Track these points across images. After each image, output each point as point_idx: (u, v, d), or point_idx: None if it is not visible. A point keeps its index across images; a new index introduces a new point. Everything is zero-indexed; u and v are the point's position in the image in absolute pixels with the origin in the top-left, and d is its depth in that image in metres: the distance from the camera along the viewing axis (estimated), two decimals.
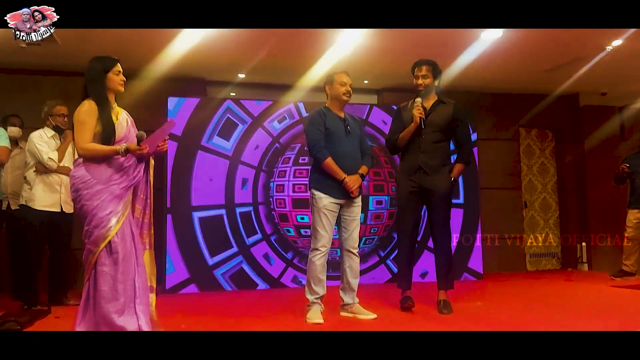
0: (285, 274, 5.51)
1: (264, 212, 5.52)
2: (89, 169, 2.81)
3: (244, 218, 5.43)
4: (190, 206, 5.30)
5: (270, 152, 5.61)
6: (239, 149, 5.50)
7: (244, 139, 5.52)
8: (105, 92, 2.90)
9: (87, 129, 2.80)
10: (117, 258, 2.76)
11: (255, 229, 5.45)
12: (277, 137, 5.65)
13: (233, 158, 5.48)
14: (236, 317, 3.83)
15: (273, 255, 5.49)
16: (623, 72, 6.13)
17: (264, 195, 5.53)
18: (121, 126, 2.92)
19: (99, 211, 2.76)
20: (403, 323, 3.51)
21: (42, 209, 4.30)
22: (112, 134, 2.84)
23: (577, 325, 3.32)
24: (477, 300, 4.40)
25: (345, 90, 3.76)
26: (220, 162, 5.45)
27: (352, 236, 3.75)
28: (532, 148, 7.32)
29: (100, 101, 2.86)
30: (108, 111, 2.87)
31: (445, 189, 3.86)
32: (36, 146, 4.30)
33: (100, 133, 2.82)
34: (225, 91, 6.29)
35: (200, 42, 4.84)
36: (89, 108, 2.83)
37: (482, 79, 6.37)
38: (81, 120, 2.82)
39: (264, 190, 5.53)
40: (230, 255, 5.36)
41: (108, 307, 2.72)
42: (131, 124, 3.01)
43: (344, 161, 3.68)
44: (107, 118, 2.85)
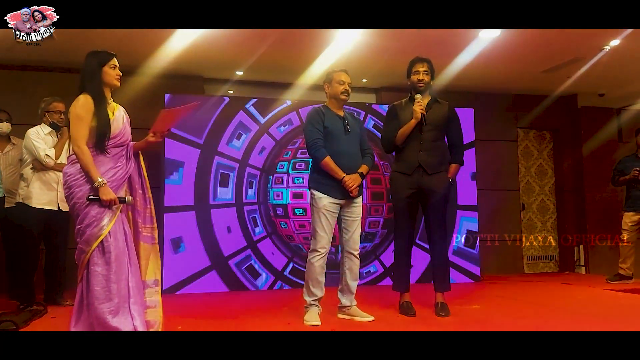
0: (287, 267, 5.57)
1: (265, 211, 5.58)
2: None
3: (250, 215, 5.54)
4: (208, 204, 5.42)
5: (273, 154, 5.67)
6: (247, 153, 5.60)
7: (252, 144, 5.61)
8: (101, 87, 2.86)
9: (83, 123, 2.76)
10: (110, 258, 2.73)
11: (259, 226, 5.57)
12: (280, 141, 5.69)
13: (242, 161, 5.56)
14: (232, 319, 3.82)
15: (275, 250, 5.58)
16: (621, 73, 6.14)
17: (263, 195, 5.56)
18: (117, 122, 2.88)
19: (92, 210, 2.73)
20: (400, 325, 3.50)
21: (38, 207, 4.26)
22: (107, 129, 2.80)
23: (573, 328, 3.31)
24: (475, 302, 4.40)
25: (344, 89, 3.73)
26: (232, 164, 5.53)
27: (353, 237, 3.72)
28: (530, 149, 7.32)
29: (96, 96, 2.82)
30: (104, 106, 2.83)
31: (443, 190, 3.85)
32: (33, 143, 4.26)
33: (95, 128, 2.78)
34: (223, 89, 6.28)
35: (198, 39, 4.83)
36: (84, 102, 2.78)
37: (480, 80, 6.37)
38: (77, 114, 2.78)
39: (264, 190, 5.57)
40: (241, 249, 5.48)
41: (102, 307, 2.68)
42: (127, 122, 2.97)
43: (343, 160, 3.64)
44: (103, 113, 2.81)
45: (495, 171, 6.90)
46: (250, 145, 5.58)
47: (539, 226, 7.17)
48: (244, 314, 3.99)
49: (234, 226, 5.45)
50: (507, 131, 7.11)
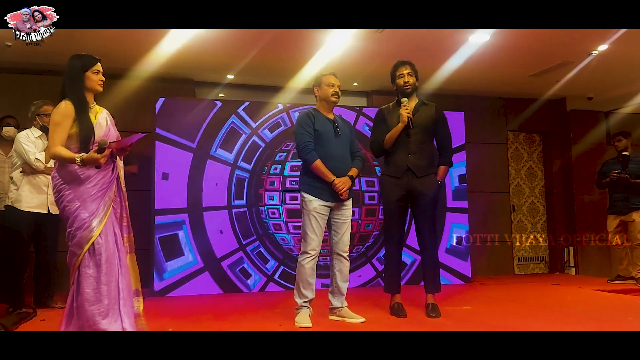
0: (278, 271, 5.59)
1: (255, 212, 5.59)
2: (70, 170, 2.76)
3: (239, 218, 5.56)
4: (201, 207, 5.44)
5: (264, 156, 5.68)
6: (238, 156, 5.61)
7: (243, 147, 5.62)
8: (83, 92, 2.84)
9: (59, 130, 2.74)
10: (100, 260, 2.72)
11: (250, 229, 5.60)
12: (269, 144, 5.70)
13: (233, 164, 5.58)
14: (223, 320, 3.81)
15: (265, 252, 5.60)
16: (609, 77, 6.21)
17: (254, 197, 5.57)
18: (100, 126, 2.86)
19: (81, 212, 2.72)
20: (391, 327, 3.51)
21: (28, 210, 4.25)
22: (90, 134, 2.79)
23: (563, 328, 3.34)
24: (465, 303, 4.42)
25: (333, 92, 3.75)
26: (224, 168, 5.54)
27: (342, 239, 3.74)
28: (520, 152, 7.37)
29: (77, 101, 2.80)
30: (86, 112, 2.81)
31: (433, 193, 3.87)
32: (23, 146, 4.25)
33: (78, 134, 2.77)
34: (214, 92, 6.29)
35: (189, 42, 4.83)
36: (64, 110, 2.76)
37: (471, 83, 6.41)
38: (55, 121, 2.76)
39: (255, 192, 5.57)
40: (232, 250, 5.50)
41: (92, 309, 2.68)
42: (111, 124, 2.95)
43: (334, 163, 3.66)
44: (85, 119, 2.79)
45: (486, 174, 6.95)
46: (241, 148, 5.59)
47: (529, 228, 7.22)
48: (236, 316, 3.99)
49: (226, 228, 5.47)
50: (497, 134, 7.16)
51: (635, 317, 3.78)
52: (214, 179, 5.48)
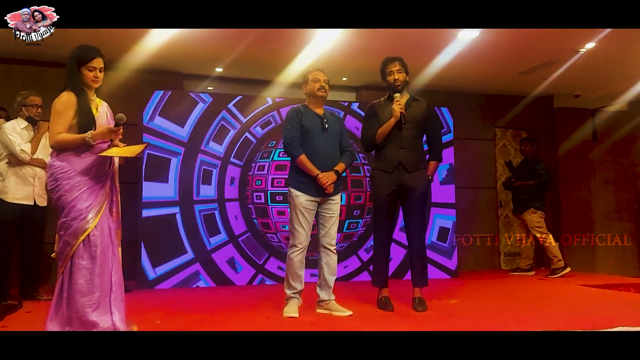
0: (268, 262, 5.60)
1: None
2: (69, 160, 2.76)
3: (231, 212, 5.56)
4: (193, 200, 5.45)
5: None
6: (229, 150, 5.60)
7: (234, 142, 5.62)
8: (80, 85, 2.85)
9: (61, 120, 2.75)
10: (96, 252, 2.73)
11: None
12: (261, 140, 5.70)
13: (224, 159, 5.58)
14: (214, 313, 3.81)
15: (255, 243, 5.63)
16: (596, 75, 6.27)
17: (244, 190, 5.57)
18: (101, 118, 2.89)
19: (78, 203, 2.72)
20: (378, 321, 3.53)
21: (14, 202, 4.22)
22: (91, 125, 2.80)
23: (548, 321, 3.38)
24: (452, 297, 4.46)
25: (320, 86, 3.76)
26: (215, 162, 5.54)
27: (329, 233, 3.76)
28: (507, 148, 7.43)
29: (78, 92, 2.81)
30: (87, 102, 2.83)
31: (423, 188, 3.90)
32: (8, 137, 4.21)
33: (80, 123, 2.77)
34: (203, 85, 6.26)
35: (177, 35, 4.81)
36: (67, 99, 2.78)
37: (459, 80, 6.45)
38: (57, 110, 2.77)
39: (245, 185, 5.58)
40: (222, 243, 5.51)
41: (83, 301, 2.68)
42: (110, 117, 2.97)
43: (320, 158, 3.68)
44: (86, 109, 2.81)
45: (473, 169, 7.00)
46: (232, 143, 5.58)
47: (515, 223, 7.27)
48: (226, 308, 3.99)
49: (217, 221, 5.46)
50: (484, 130, 7.21)
51: (618, 311, 3.83)
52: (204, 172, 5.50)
